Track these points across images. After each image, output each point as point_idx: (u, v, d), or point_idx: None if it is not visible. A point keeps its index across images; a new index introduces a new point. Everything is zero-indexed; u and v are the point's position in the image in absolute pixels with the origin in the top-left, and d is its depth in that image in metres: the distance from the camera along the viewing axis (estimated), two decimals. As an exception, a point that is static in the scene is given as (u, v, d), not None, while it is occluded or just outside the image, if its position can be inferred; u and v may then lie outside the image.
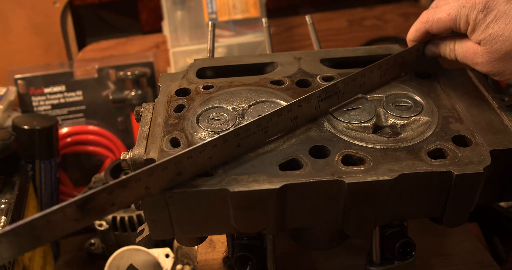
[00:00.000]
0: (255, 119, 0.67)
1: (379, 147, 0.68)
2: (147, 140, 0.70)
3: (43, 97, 1.46)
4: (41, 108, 1.46)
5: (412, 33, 0.80)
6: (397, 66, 0.80)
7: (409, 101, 0.76)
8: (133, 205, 1.21)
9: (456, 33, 0.75)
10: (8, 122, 1.31)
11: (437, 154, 0.67)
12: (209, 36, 0.94)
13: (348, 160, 0.67)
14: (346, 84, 0.74)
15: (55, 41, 1.57)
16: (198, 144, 0.63)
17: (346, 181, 0.62)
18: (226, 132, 0.64)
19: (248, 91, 0.78)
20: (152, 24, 1.69)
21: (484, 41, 0.68)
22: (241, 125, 0.66)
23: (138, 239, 0.75)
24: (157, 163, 0.60)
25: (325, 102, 0.73)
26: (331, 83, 0.74)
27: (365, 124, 0.72)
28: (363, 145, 0.68)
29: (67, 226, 0.55)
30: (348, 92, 0.75)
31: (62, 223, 0.54)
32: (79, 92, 1.48)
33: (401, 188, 0.65)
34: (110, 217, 1.19)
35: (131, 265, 1.07)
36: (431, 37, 0.80)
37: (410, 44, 0.82)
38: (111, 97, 1.49)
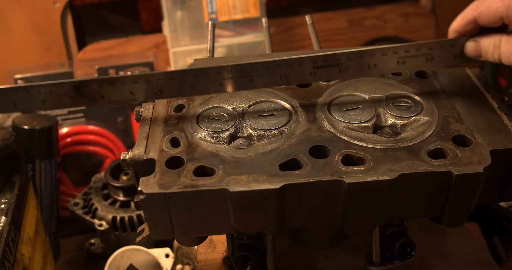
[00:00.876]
0: (238, 63, 0.70)
1: (379, 147, 0.68)
2: (147, 140, 0.70)
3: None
4: (41, 108, 1.46)
5: (457, 21, 0.71)
6: (421, 58, 0.73)
7: (409, 101, 0.76)
8: (133, 205, 1.22)
9: (504, 30, 0.69)
10: (8, 122, 1.31)
11: (437, 154, 0.67)
12: (209, 36, 0.94)
13: (348, 160, 0.67)
14: (350, 58, 0.71)
15: (55, 41, 1.57)
16: (180, 69, 0.69)
17: (346, 181, 0.62)
18: (208, 66, 0.69)
19: (248, 91, 0.78)
20: (152, 24, 1.69)
21: None
22: (225, 64, 0.70)
23: (138, 239, 0.75)
24: (141, 73, 0.68)
25: (323, 70, 0.70)
26: (331, 52, 0.71)
27: (365, 124, 0.72)
28: (363, 145, 0.68)
29: (65, 101, 0.70)
30: (353, 68, 0.71)
31: (61, 96, 0.70)
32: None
33: (401, 188, 0.65)
34: (110, 217, 1.19)
35: (131, 265, 1.07)
36: (475, 31, 0.71)
37: (451, 35, 0.74)
38: (111, 97, 1.48)
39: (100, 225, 1.18)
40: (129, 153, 0.68)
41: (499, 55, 0.69)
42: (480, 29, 0.71)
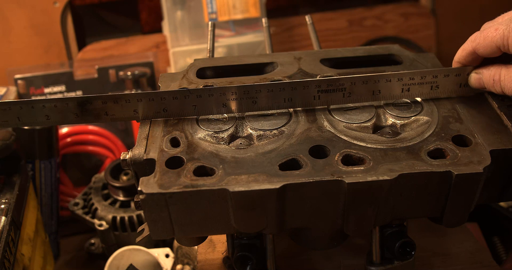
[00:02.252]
0: (241, 85, 0.71)
1: (379, 147, 0.68)
2: (147, 140, 0.70)
3: (43, 97, 1.46)
4: (41, 108, 1.46)
5: (458, 53, 0.73)
6: (426, 86, 0.74)
7: (409, 101, 0.76)
8: (133, 205, 1.22)
9: (505, 61, 0.69)
10: (8, 122, 1.31)
11: (437, 154, 0.67)
12: (209, 36, 0.94)
13: (348, 160, 0.67)
14: (354, 84, 0.72)
15: (55, 41, 1.57)
16: (183, 89, 0.71)
17: (346, 181, 0.62)
18: (211, 87, 0.70)
19: (248, 91, 0.78)
20: (152, 24, 1.69)
21: None
22: (228, 86, 0.71)
23: (138, 239, 0.75)
24: (145, 92, 0.70)
25: (326, 95, 0.72)
26: (334, 77, 0.73)
27: (365, 124, 0.72)
28: (363, 145, 0.68)
29: (69, 117, 0.72)
30: (357, 93, 0.73)
31: (65, 112, 0.72)
32: (79, 92, 1.48)
33: (401, 188, 0.65)
34: (110, 217, 1.19)
35: (131, 265, 1.07)
36: (479, 62, 0.72)
37: (455, 66, 0.75)
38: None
39: (100, 225, 1.18)
40: (129, 153, 0.68)
41: (501, 88, 0.69)
42: (484, 60, 0.72)
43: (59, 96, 1.47)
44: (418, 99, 0.77)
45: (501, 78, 0.68)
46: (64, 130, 1.46)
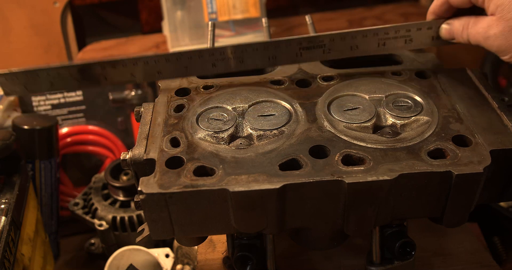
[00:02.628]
0: (228, 45, 0.76)
1: (379, 147, 0.68)
2: (147, 140, 0.70)
3: (43, 97, 1.46)
4: (41, 108, 1.46)
5: (433, 3, 0.77)
6: (400, 40, 0.78)
7: (409, 101, 0.76)
8: (133, 205, 1.22)
9: (474, 12, 0.73)
10: (8, 122, 1.31)
11: (437, 154, 0.67)
12: (209, 36, 0.94)
13: (348, 160, 0.67)
14: (333, 40, 0.76)
15: (55, 41, 1.57)
16: (175, 51, 0.75)
17: (346, 181, 0.62)
18: (201, 48, 0.75)
19: (248, 91, 0.78)
20: (152, 24, 1.69)
21: (501, 7, 0.66)
22: (216, 46, 0.76)
23: (138, 239, 0.75)
24: (140, 56, 0.74)
25: (308, 52, 0.76)
26: (315, 34, 0.77)
27: (365, 124, 0.72)
28: (363, 145, 0.68)
29: (71, 83, 0.78)
30: (336, 49, 0.77)
31: (67, 78, 0.77)
32: (79, 92, 1.48)
33: (401, 188, 0.65)
34: (110, 217, 1.19)
35: (131, 265, 1.07)
36: (451, 14, 0.77)
37: (429, 17, 0.79)
38: (111, 97, 1.49)
39: (100, 225, 1.18)
40: (129, 153, 0.68)
41: (467, 36, 0.72)
42: (455, 12, 0.76)
43: (59, 96, 1.47)
44: (418, 99, 0.77)
45: (469, 26, 0.72)
46: (64, 130, 1.46)
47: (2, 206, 0.91)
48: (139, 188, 0.62)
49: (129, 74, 0.77)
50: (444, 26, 0.78)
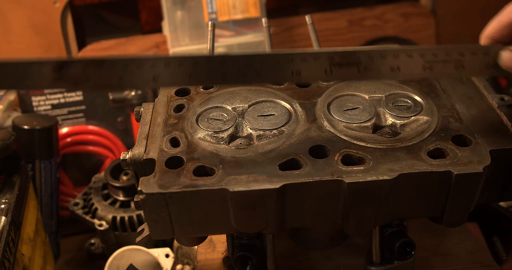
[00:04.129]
0: (244, 53, 0.61)
1: (379, 147, 0.68)
2: (147, 140, 0.70)
3: (43, 97, 1.46)
4: (41, 108, 1.46)
5: (491, 26, 0.62)
6: (450, 64, 0.64)
7: (409, 101, 0.76)
8: (133, 205, 1.22)
9: None
10: (8, 122, 1.31)
11: (436, 154, 0.67)
12: (209, 36, 0.94)
13: (348, 160, 0.67)
14: (371, 58, 0.62)
15: (55, 41, 1.57)
16: (177, 55, 0.60)
17: (346, 181, 0.62)
18: (210, 55, 0.60)
19: (247, 91, 0.78)
20: (152, 24, 1.69)
21: None
22: (229, 54, 0.61)
23: (138, 239, 0.75)
24: (133, 57, 0.59)
25: (340, 69, 0.62)
26: (350, 49, 0.63)
27: (365, 124, 0.72)
28: (363, 145, 0.68)
29: (44, 81, 0.61)
30: (374, 69, 0.63)
31: (39, 76, 0.62)
32: (79, 92, 1.48)
33: (401, 188, 0.65)
34: (110, 217, 1.19)
35: (131, 265, 1.07)
36: None
37: (484, 41, 0.65)
38: (111, 97, 1.49)
39: (100, 225, 1.18)
40: (129, 153, 0.68)
41: None
42: None
43: (59, 96, 1.47)
44: (418, 98, 0.77)
45: None
46: (64, 130, 1.46)
47: (2, 206, 0.91)
48: (139, 188, 0.62)
49: (116, 77, 0.60)
50: (505, 53, 0.63)
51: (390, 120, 0.74)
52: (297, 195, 0.64)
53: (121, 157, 0.68)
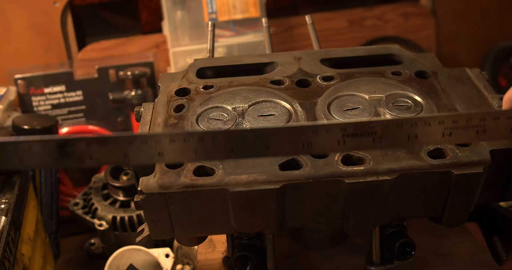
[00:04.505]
0: (255, 127, 0.60)
1: (379, 147, 0.68)
2: (147, 140, 0.70)
3: (43, 97, 1.46)
4: (41, 108, 1.47)
5: None
6: (472, 130, 0.61)
7: (409, 101, 0.76)
8: (133, 205, 1.22)
9: None
10: (8, 122, 1.31)
11: (436, 154, 0.67)
12: (209, 36, 0.94)
13: (348, 160, 0.67)
14: (386, 127, 0.60)
15: (55, 41, 1.57)
16: (183, 131, 0.61)
17: (346, 181, 0.62)
18: (217, 130, 0.60)
19: (248, 91, 0.78)
20: (152, 24, 1.69)
21: None
22: (237, 129, 0.61)
23: (138, 239, 0.75)
24: (137, 134, 0.59)
25: (353, 140, 0.60)
26: (364, 119, 0.63)
27: (365, 124, 0.72)
28: (363, 145, 0.68)
29: (47, 160, 0.59)
30: (390, 138, 0.60)
31: (43, 155, 0.59)
32: (79, 92, 1.48)
33: (401, 188, 0.65)
34: (110, 217, 1.19)
35: (131, 265, 1.07)
36: None
37: (506, 105, 0.64)
38: (111, 97, 1.49)
39: (100, 225, 1.18)
40: (129, 153, 0.68)
41: None
42: None
43: (59, 96, 1.47)
44: (418, 98, 0.77)
45: None
46: (64, 130, 1.46)
47: (2, 206, 0.91)
48: (139, 188, 0.62)
49: (121, 155, 0.59)
50: None
51: (390, 120, 0.74)
52: (297, 195, 0.64)
53: (121, 157, 0.68)
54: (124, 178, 1.28)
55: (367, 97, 0.77)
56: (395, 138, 0.60)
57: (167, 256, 1.12)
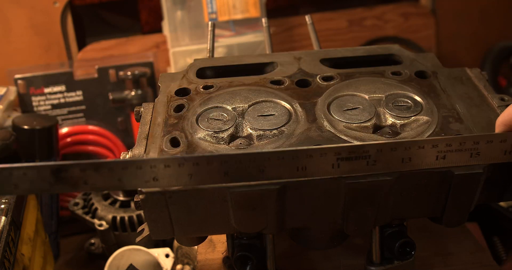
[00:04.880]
0: (249, 152, 0.61)
1: (379, 147, 0.68)
2: (147, 140, 0.70)
3: (43, 97, 1.46)
4: (41, 108, 1.46)
5: (506, 113, 0.61)
6: (465, 153, 0.63)
7: (409, 101, 0.76)
8: (133, 205, 1.22)
9: None
10: (8, 122, 1.31)
11: (437, 154, 0.67)
12: (209, 36, 0.94)
13: (348, 160, 0.66)
14: (380, 151, 0.61)
15: (55, 41, 1.57)
16: (177, 156, 0.62)
17: (346, 181, 0.62)
18: (211, 154, 0.60)
19: (248, 91, 0.79)
20: (152, 24, 1.69)
21: None
22: (231, 153, 0.62)
23: (138, 239, 0.75)
24: (131, 159, 0.59)
25: (348, 163, 0.61)
26: (358, 143, 0.64)
27: (365, 124, 0.72)
28: (363, 145, 0.68)
29: (42, 186, 0.60)
30: (384, 162, 0.62)
31: (37, 181, 0.59)
32: (79, 92, 1.48)
33: (401, 188, 0.65)
34: (110, 217, 1.19)
35: (131, 265, 1.07)
36: None
37: (499, 129, 0.64)
38: (111, 97, 1.49)
39: (100, 225, 1.18)
40: (129, 153, 0.68)
41: None
42: None
43: (59, 96, 1.47)
44: (418, 98, 0.77)
45: None
46: (64, 130, 1.46)
47: (2, 206, 0.91)
48: (139, 188, 0.62)
49: (116, 180, 0.60)
50: None
51: (390, 120, 0.74)
52: (297, 195, 0.64)
53: (121, 157, 0.68)
54: (124, 178, 1.27)
55: (367, 97, 0.77)
56: (389, 161, 0.62)
57: (167, 256, 1.12)
